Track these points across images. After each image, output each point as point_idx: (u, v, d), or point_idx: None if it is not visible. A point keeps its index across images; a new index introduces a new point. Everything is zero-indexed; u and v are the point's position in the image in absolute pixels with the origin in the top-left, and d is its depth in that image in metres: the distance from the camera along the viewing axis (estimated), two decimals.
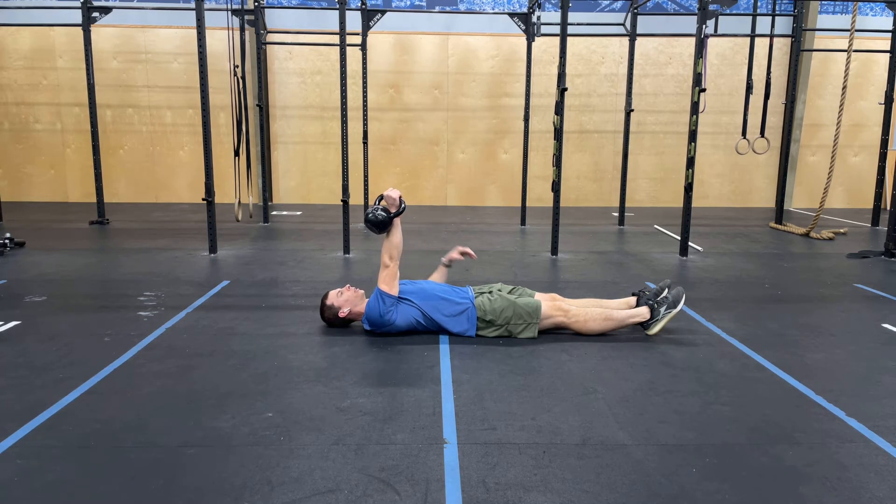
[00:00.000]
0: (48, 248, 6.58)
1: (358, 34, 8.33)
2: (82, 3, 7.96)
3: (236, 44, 8.12)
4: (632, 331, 4.02)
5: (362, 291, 4.02)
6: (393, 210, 3.79)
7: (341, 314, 3.93)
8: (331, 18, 9.92)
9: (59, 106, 10.59)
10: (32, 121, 10.62)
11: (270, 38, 9.96)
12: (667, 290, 4.05)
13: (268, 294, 4.93)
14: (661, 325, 3.90)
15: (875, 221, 8.97)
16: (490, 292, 3.96)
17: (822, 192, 7.93)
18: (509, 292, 4.00)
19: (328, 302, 3.96)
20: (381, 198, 3.86)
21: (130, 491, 2.23)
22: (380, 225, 3.78)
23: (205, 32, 6.05)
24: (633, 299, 4.10)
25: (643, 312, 3.93)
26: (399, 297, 3.81)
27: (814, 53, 10.62)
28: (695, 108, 6.11)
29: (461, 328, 3.85)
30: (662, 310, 3.92)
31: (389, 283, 3.77)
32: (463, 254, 4.21)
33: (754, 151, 8.94)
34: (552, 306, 3.90)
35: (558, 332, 3.96)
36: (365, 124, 8.61)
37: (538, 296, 4.00)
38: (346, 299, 3.94)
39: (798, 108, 10.72)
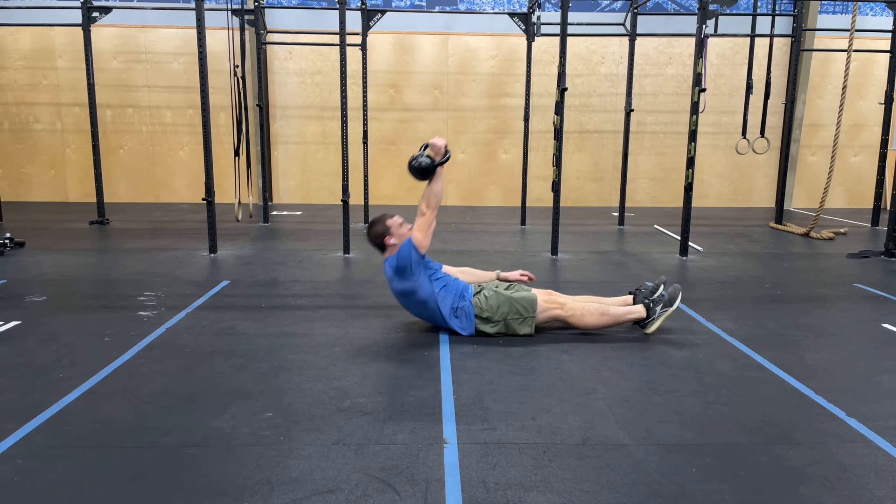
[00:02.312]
0: (48, 248, 6.58)
1: (358, 34, 8.33)
2: (82, 3, 7.96)
3: (236, 44, 8.12)
4: (631, 331, 4.02)
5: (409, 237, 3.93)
6: (438, 158, 3.78)
7: (387, 240, 3.89)
8: (331, 18, 9.92)
9: (59, 106, 10.59)
10: (32, 121, 10.62)
11: (270, 38, 9.97)
12: (662, 287, 4.05)
13: (268, 294, 4.93)
14: (657, 323, 3.90)
15: (875, 221, 8.97)
16: (486, 290, 3.96)
17: (822, 192, 7.93)
18: (505, 289, 4.01)
19: (388, 223, 3.91)
20: (426, 146, 3.84)
21: (130, 491, 2.23)
22: (423, 171, 3.77)
23: (205, 32, 6.05)
24: (629, 298, 4.11)
25: (639, 310, 3.93)
26: (425, 263, 3.84)
27: (814, 53, 10.62)
28: (695, 108, 6.11)
29: (459, 325, 3.86)
30: (658, 308, 3.91)
31: (424, 231, 3.75)
32: (524, 275, 4.21)
33: (754, 151, 8.93)
34: (547, 299, 3.92)
35: (558, 332, 3.96)
36: (365, 124, 8.61)
37: (534, 291, 4.00)
38: (401, 235, 3.90)
39: (798, 108, 10.72)
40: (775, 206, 9.28)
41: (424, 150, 3.84)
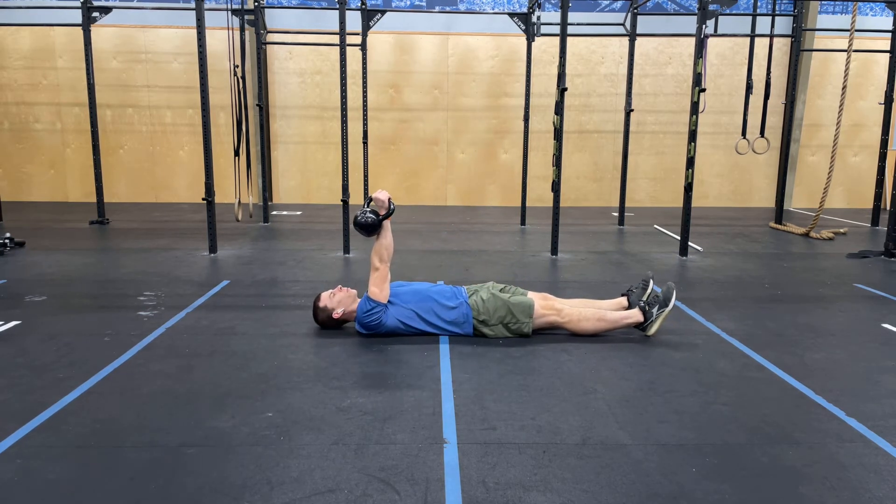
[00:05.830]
0: (48, 248, 6.58)
1: (358, 34, 8.33)
2: (82, 3, 7.96)
3: (236, 44, 8.12)
4: (630, 331, 4.02)
5: (354, 292, 4.00)
6: (382, 212, 3.75)
7: (335, 315, 3.91)
8: (331, 18, 9.92)
9: (59, 106, 10.58)
10: (32, 121, 10.62)
11: (270, 38, 9.96)
12: (651, 283, 4.05)
13: (268, 294, 4.93)
14: (657, 325, 3.89)
15: (875, 221, 8.97)
16: (483, 292, 3.95)
17: (821, 192, 7.93)
18: (500, 291, 3.99)
19: (321, 304, 3.94)
20: (370, 200, 3.83)
21: (130, 491, 2.23)
22: (369, 227, 3.73)
23: (205, 32, 6.05)
24: (623, 300, 4.10)
25: (635, 315, 3.92)
26: (390, 301, 3.80)
27: (814, 53, 10.62)
28: (695, 108, 6.11)
29: (456, 330, 3.84)
30: (655, 310, 3.90)
31: (380, 285, 3.75)
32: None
33: (754, 151, 8.93)
34: (544, 305, 3.90)
35: (557, 333, 3.96)
36: (365, 124, 8.61)
37: (530, 294, 3.99)
38: (339, 300, 3.91)
39: (798, 108, 10.71)
40: (775, 206, 9.28)
41: (368, 204, 3.80)
